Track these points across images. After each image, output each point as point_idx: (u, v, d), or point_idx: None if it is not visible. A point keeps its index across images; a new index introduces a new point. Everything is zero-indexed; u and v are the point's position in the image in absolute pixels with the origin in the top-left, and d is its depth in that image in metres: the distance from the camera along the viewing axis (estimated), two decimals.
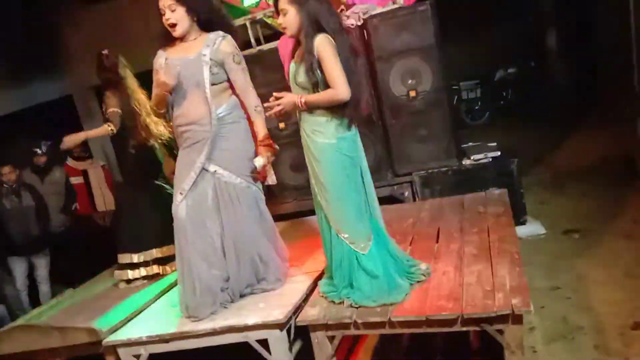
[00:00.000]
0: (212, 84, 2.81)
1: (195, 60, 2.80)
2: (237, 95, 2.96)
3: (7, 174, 4.82)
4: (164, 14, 2.77)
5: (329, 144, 2.56)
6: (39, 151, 5.20)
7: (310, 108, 2.56)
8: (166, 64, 2.82)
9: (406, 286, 2.60)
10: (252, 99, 2.90)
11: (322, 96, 2.51)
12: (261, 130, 2.89)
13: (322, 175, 2.60)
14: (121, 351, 2.88)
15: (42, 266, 5.08)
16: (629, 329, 2.87)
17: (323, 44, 2.46)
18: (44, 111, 7.76)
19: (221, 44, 2.83)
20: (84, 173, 5.59)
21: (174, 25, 2.78)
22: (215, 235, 2.89)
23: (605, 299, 3.16)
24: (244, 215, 2.91)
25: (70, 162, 5.58)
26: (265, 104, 2.66)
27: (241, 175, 2.89)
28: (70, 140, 3.73)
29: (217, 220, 2.88)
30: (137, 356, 2.86)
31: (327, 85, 2.51)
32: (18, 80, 7.68)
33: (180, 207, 2.86)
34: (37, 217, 4.95)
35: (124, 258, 3.73)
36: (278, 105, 2.56)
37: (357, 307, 2.53)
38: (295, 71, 2.62)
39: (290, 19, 2.53)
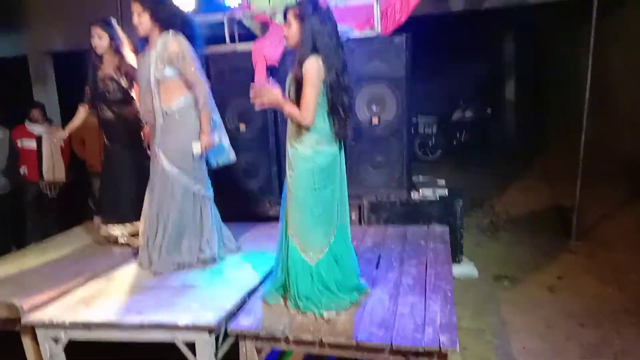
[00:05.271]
0: (160, 81, 3.15)
1: (146, 59, 3.19)
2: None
3: None
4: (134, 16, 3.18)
5: (304, 154, 2.64)
6: None
7: (286, 115, 2.63)
8: None
9: (346, 302, 2.68)
10: (198, 92, 3.18)
11: (294, 112, 2.58)
12: (204, 123, 3.22)
13: (292, 182, 2.69)
14: (40, 332, 2.75)
15: None
16: None
17: (311, 68, 2.52)
18: None
19: (170, 43, 3.13)
20: (38, 138, 5.24)
21: (137, 27, 3.19)
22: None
23: (526, 346, 3.30)
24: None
25: (27, 124, 5.23)
26: (251, 94, 2.63)
27: (179, 168, 3.22)
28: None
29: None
30: (56, 340, 2.74)
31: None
32: None
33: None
34: None
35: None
36: (263, 97, 2.58)
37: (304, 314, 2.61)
38: (290, 84, 2.68)
39: (292, 33, 2.63)
